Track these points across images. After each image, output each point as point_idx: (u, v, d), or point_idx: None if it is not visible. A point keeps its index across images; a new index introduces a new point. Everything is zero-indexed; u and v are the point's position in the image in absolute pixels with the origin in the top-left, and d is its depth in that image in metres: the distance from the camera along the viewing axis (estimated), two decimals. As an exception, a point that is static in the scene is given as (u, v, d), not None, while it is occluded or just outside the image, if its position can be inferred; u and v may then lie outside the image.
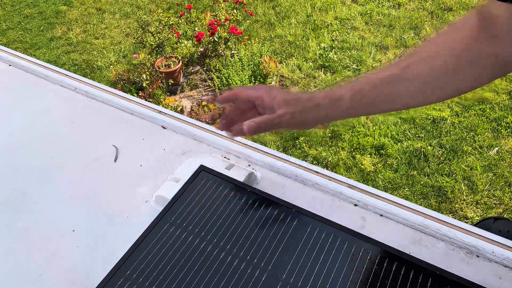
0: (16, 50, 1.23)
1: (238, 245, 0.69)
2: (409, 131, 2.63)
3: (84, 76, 1.26)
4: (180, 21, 3.38)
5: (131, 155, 0.89)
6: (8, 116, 1.04)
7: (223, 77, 2.99)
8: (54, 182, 0.86)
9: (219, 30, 3.25)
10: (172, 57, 3.16)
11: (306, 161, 1.62)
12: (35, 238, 0.75)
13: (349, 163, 2.48)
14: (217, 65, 3.20)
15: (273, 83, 3.11)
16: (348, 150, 2.56)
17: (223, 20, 3.36)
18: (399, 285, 0.62)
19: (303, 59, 3.31)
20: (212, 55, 3.37)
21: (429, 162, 2.43)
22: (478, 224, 1.20)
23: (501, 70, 0.55)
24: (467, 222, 1.05)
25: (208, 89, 3.18)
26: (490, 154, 2.39)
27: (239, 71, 3.01)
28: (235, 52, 3.28)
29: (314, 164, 1.62)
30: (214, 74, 3.12)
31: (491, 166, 2.35)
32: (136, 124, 0.97)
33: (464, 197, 2.25)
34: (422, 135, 2.59)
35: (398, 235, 0.71)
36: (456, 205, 2.22)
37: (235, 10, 3.53)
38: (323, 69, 3.21)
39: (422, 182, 2.33)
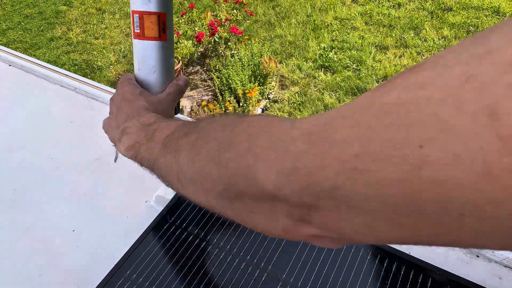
0: (16, 50, 1.23)
1: (238, 245, 0.69)
2: (409, 131, 2.63)
3: (84, 76, 1.26)
4: (180, 21, 3.38)
5: (131, 155, 0.89)
6: (8, 116, 1.04)
7: (223, 77, 3.00)
8: (54, 182, 0.86)
9: (220, 30, 3.25)
10: (172, 57, 3.16)
11: (306, 161, 1.62)
12: (35, 238, 0.75)
13: (349, 163, 2.48)
14: (217, 65, 3.21)
15: (273, 83, 3.11)
16: (348, 150, 2.56)
17: (223, 20, 3.36)
18: (399, 285, 0.62)
19: (303, 59, 3.31)
20: (212, 55, 3.37)
21: (429, 162, 2.43)
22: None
23: None
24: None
25: (208, 89, 3.18)
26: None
27: (239, 71, 3.01)
28: (235, 52, 3.28)
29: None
30: (214, 74, 3.12)
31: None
32: (136, 124, 0.97)
33: (464, 197, 2.25)
34: (422, 135, 2.60)
35: (398, 235, 0.71)
36: (456, 205, 2.22)
37: (235, 10, 3.53)
38: (323, 69, 3.21)
39: (422, 182, 2.33)
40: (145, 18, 0.59)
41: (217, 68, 3.20)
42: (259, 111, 2.96)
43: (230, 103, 2.80)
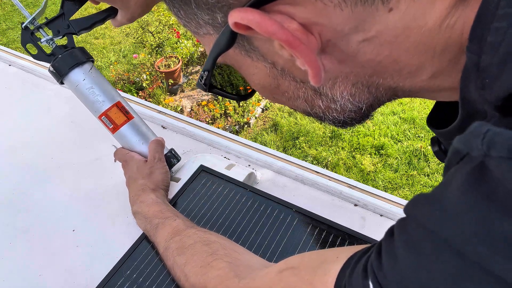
0: (16, 50, 1.23)
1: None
2: (409, 131, 2.63)
3: (84, 76, 1.25)
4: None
5: (131, 155, 0.89)
6: (8, 116, 1.04)
7: (224, 74, 2.99)
8: (54, 182, 0.86)
9: (219, 30, 3.25)
10: (172, 57, 3.16)
11: (306, 161, 1.62)
12: (35, 238, 0.75)
13: (349, 163, 2.48)
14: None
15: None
16: (348, 150, 2.56)
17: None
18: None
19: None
20: (212, 55, 3.37)
21: (429, 162, 2.43)
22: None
23: None
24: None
25: (208, 89, 3.18)
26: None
27: (239, 71, 3.01)
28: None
29: (314, 164, 1.62)
30: (216, 70, 3.11)
31: (491, 166, 2.35)
32: (136, 124, 0.97)
33: (464, 197, 2.24)
34: (422, 135, 2.60)
35: (398, 235, 0.71)
36: (456, 205, 2.22)
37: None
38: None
39: (422, 182, 2.33)
40: (110, 114, 0.73)
41: (218, 64, 3.19)
42: (259, 110, 2.96)
43: (230, 103, 2.80)
